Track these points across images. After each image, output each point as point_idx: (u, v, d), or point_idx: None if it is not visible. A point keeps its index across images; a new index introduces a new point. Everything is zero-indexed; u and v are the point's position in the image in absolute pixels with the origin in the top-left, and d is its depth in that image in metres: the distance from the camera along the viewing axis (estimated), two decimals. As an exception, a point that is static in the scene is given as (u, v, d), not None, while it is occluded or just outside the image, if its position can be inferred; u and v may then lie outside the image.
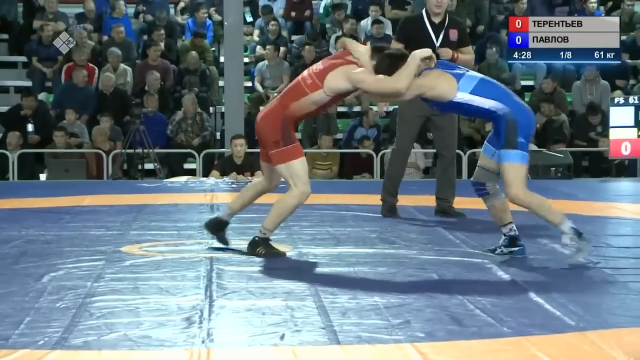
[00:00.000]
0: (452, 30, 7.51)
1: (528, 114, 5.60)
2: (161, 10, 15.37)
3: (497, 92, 5.57)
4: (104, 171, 12.44)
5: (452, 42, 7.48)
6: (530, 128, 5.61)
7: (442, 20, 7.53)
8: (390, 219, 7.47)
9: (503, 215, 5.82)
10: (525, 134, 5.53)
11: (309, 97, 5.69)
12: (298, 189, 5.71)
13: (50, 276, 5.14)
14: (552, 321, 4.23)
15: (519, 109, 5.54)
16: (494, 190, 5.77)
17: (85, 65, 13.97)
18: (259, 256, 5.74)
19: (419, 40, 7.28)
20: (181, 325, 4.14)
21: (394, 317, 4.27)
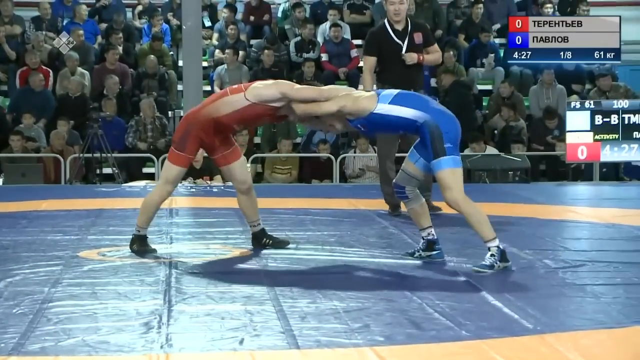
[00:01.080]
0: (416, 33, 7.86)
1: (450, 119, 5.59)
2: (118, 13, 15.29)
3: (415, 101, 5.61)
4: (62, 176, 12.33)
5: (418, 45, 7.85)
6: (456, 132, 5.58)
7: (405, 26, 7.87)
8: (351, 224, 7.48)
9: (422, 220, 5.87)
10: (451, 139, 5.52)
11: (227, 98, 5.85)
12: (164, 187, 6.04)
13: (6, 282, 5.10)
14: (510, 324, 4.26)
15: (440, 115, 5.56)
16: (414, 194, 5.80)
17: (38, 68, 13.85)
18: (133, 252, 5.99)
19: (386, 50, 7.80)
20: (140, 330, 4.12)
21: (353, 321, 4.28)
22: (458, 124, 5.62)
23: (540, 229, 7.35)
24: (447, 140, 5.48)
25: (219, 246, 6.25)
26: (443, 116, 5.56)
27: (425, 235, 5.88)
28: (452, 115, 5.65)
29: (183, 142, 5.92)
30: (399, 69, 7.82)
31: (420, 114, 5.52)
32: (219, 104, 5.84)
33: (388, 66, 7.92)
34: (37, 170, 12.13)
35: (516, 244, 6.39)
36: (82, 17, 15.15)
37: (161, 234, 6.87)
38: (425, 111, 5.53)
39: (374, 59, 7.92)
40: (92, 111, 12.28)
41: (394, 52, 7.79)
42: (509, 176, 12.07)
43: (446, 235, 6.83)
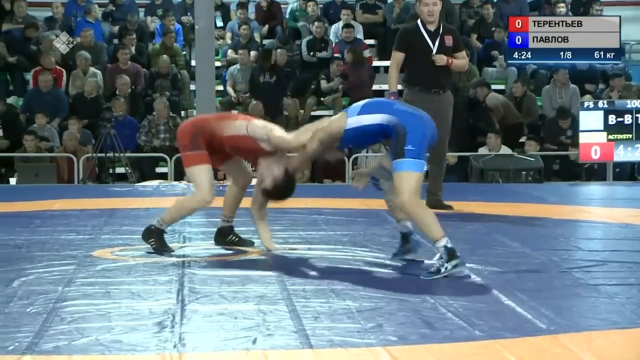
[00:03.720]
0: (447, 36, 7.98)
1: (417, 120, 5.49)
2: (132, 13, 15.32)
3: (381, 106, 5.60)
4: (75, 175, 12.37)
5: (448, 48, 7.96)
6: (423, 134, 5.45)
7: (437, 27, 7.96)
8: (363, 224, 7.47)
9: (396, 213, 5.86)
10: (416, 141, 5.40)
11: (234, 122, 5.95)
12: (199, 195, 5.95)
13: (20, 281, 5.11)
14: (524, 324, 4.25)
15: (406, 116, 5.48)
16: (387, 188, 5.78)
17: (52, 68, 13.90)
18: (150, 245, 6.01)
19: (417, 49, 7.91)
20: (153, 329, 4.12)
21: (366, 320, 4.28)
22: (429, 126, 5.52)
23: (554, 229, 7.33)
24: (410, 141, 5.38)
25: (232, 246, 6.24)
26: (409, 117, 5.48)
27: (401, 228, 5.87)
28: (422, 116, 5.55)
29: (195, 140, 5.93)
30: (427, 69, 7.87)
31: (388, 117, 5.48)
32: (224, 124, 5.95)
33: (417, 66, 7.96)
34: (51, 170, 12.17)
35: (529, 244, 6.38)
36: (94, 17, 15.19)
37: (174, 233, 6.87)
38: (391, 114, 5.49)
39: (402, 55, 8.00)
40: (105, 111, 12.32)
41: (424, 52, 7.85)
42: (521, 176, 12.05)
43: (459, 236, 6.82)
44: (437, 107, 7.84)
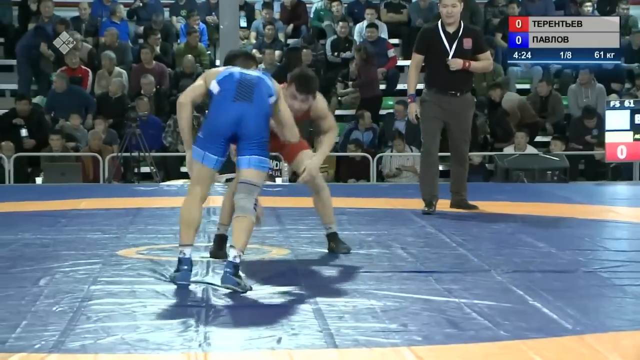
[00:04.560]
0: (466, 39, 7.87)
1: (212, 114, 5.25)
2: (157, 13, 15.37)
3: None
4: (100, 175, 12.42)
5: (467, 51, 7.86)
6: (211, 124, 5.21)
7: (457, 29, 7.88)
8: (387, 223, 7.47)
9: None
10: (205, 131, 5.23)
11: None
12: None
13: (46, 280, 5.14)
14: (549, 324, 4.23)
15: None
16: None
17: (77, 68, 13.97)
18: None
19: (434, 51, 7.86)
20: (178, 328, 4.14)
21: (391, 320, 4.27)
22: (222, 120, 5.16)
23: (579, 229, 7.30)
24: (202, 129, 5.25)
25: (256, 245, 6.25)
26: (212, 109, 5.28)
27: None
28: (220, 110, 5.19)
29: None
30: (444, 71, 7.82)
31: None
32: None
33: (434, 67, 7.94)
34: (76, 169, 12.23)
35: (555, 244, 6.35)
36: (120, 17, 15.26)
37: (199, 232, 6.88)
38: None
39: (420, 57, 7.98)
40: (130, 111, 12.36)
41: (441, 55, 7.81)
42: (547, 176, 12.00)
43: (484, 235, 6.82)
44: (454, 109, 7.84)
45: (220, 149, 5.17)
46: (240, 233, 5.04)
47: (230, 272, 4.90)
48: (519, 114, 13.59)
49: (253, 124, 5.14)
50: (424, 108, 7.99)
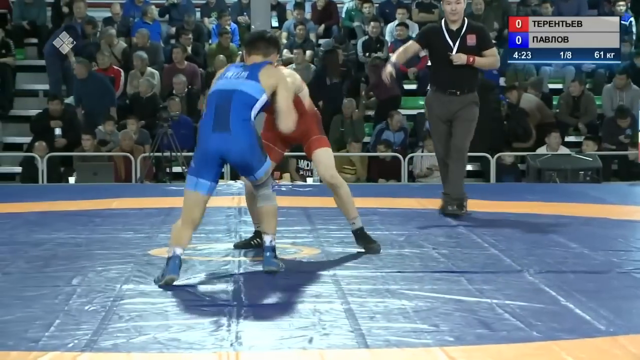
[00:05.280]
0: (469, 35, 7.73)
1: (199, 142, 5.37)
2: (189, 14, 15.43)
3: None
4: (132, 174, 12.49)
5: (471, 47, 7.71)
6: (199, 153, 5.34)
7: (460, 26, 7.75)
8: (419, 223, 7.45)
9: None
10: (195, 159, 5.37)
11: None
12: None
13: (79, 279, 5.17)
14: (582, 325, 4.20)
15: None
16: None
17: (109, 68, 14.05)
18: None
19: (437, 48, 7.77)
20: (210, 328, 4.15)
21: (423, 321, 4.26)
22: (207, 144, 5.28)
23: (613, 230, 7.25)
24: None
25: (287, 245, 6.26)
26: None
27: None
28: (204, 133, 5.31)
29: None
30: (447, 70, 7.70)
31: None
32: None
33: (437, 66, 7.88)
34: (109, 169, 12.30)
35: (587, 244, 6.31)
36: (152, 17, 15.34)
37: (230, 232, 6.92)
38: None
39: (416, 46, 7.87)
40: (162, 111, 12.42)
41: (444, 52, 7.70)
42: (579, 176, 11.93)
43: (516, 235, 6.80)
44: (454, 108, 7.70)
45: (212, 174, 5.30)
46: (268, 219, 5.39)
47: (271, 255, 5.34)
48: (539, 115, 13.50)
49: (238, 156, 5.29)
50: (429, 112, 7.98)
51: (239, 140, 5.23)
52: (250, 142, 5.27)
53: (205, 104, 5.51)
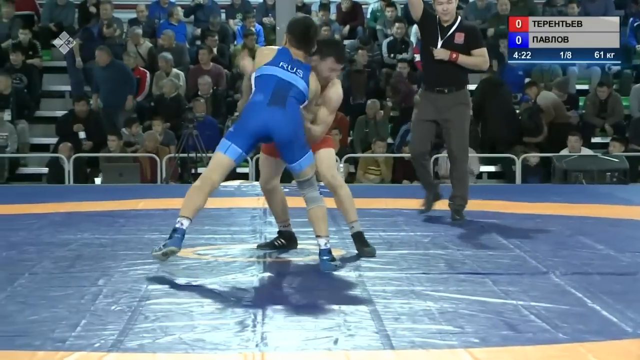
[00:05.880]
0: (458, 33, 7.65)
1: (247, 113, 5.51)
2: (214, 15, 15.47)
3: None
4: (158, 175, 12.53)
5: (458, 45, 7.61)
6: (245, 121, 5.49)
7: (451, 23, 7.67)
8: (444, 224, 7.43)
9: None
10: (237, 126, 5.53)
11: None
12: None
13: (105, 279, 5.19)
14: (609, 327, 4.18)
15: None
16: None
17: (136, 69, 14.12)
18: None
19: (427, 36, 7.76)
20: (235, 329, 4.16)
21: (448, 322, 4.25)
22: (253, 118, 5.46)
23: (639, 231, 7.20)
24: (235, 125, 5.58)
25: (312, 246, 6.26)
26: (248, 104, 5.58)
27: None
28: (252, 105, 5.51)
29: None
30: (433, 66, 7.65)
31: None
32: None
33: (424, 61, 7.85)
34: (134, 170, 12.35)
35: (614, 246, 6.28)
36: (177, 19, 15.40)
37: (255, 233, 6.93)
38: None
39: (417, 16, 7.74)
40: (187, 112, 12.45)
41: (432, 40, 7.62)
42: (606, 177, 11.87)
43: (542, 237, 6.77)
44: (444, 107, 7.61)
45: (246, 145, 5.49)
46: (319, 222, 5.49)
47: (328, 259, 5.45)
48: (554, 112, 13.44)
49: (288, 131, 5.42)
50: (417, 109, 7.94)
51: (291, 120, 5.41)
52: (299, 126, 5.46)
53: (253, 83, 5.53)
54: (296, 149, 5.43)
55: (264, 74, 5.50)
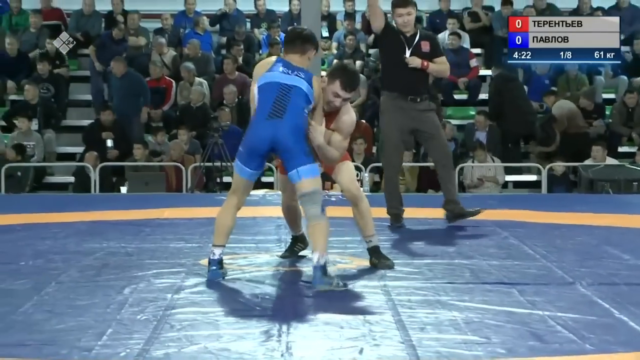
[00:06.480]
0: (423, 42, 7.79)
1: (249, 130, 5.53)
2: (240, 24, 15.52)
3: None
4: (183, 184, 12.57)
5: (425, 54, 7.75)
6: (247, 140, 5.50)
7: (414, 33, 7.79)
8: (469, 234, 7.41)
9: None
10: (244, 146, 5.53)
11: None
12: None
13: (131, 288, 5.21)
14: (636, 338, 4.16)
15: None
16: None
17: (162, 79, 14.18)
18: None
19: (392, 48, 7.77)
20: (260, 338, 4.16)
21: (474, 332, 4.24)
22: (255, 136, 5.47)
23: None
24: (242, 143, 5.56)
25: (337, 256, 6.26)
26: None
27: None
28: (254, 125, 5.52)
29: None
30: (402, 74, 7.67)
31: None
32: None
33: (392, 69, 7.81)
34: (160, 179, 12.39)
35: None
36: (203, 28, 15.46)
37: (280, 242, 6.93)
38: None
39: (379, 27, 7.82)
40: (212, 120, 12.49)
41: (398, 54, 7.67)
42: (633, 187, 11.80)
43: (568, 247, 6.73)
44: (415, 115, 7.69)
45: (254, 163, 5.53)
46: (316, 238, 5.31)
47: (318, 276, 5.18)
48: (566, 123, 13.36)
49: (288, 138, 5.38)
50: (385, 119, 7.84)
51: (291, 127, 5.37)
52: (298, 128, 5.39)
53: (256, 94, 5.55)
54: (296, 156, 5.34)
55: (265, 83, 5.52)
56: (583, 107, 13.80)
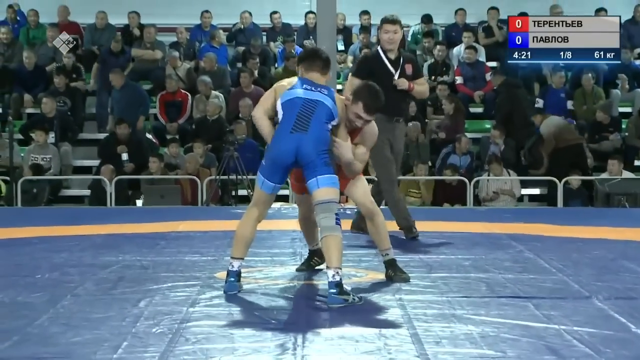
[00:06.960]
0: (407, 65, 7.95)
1: (273, 144, 5.51)
2: (255, 38, 15.56)
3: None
4: (199, 197, 12.58)
5: (409, 76, 7.92)
6: (271, 154, 5.49)
7: (398, 56, 7.93)
8: (484, 247, 7.39)
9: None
10: (267, 159, 5.53)
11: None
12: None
13: (146, 301, 5.21)
14: (653, 353, 4.13)
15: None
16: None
17: (177, 92, 14.23)
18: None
19: (379, 75, 7.68)
20: (275, 352, 4.15)
21: (489, 346, 4.22)
22: (279, 149, 5.46)
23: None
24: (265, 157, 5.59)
25: (351, 269, 6.25)
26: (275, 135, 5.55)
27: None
28: (278, 139, 5.49)
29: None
30: (389, 96, 7.65)
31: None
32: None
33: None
34: (175, 192, 12.41)
35: (658, 270, 6.21)
36: (219, 41, 15.50)
37: (295, 255, 6.93)
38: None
39: (358, 82, 7.73)
40: (228, 134, 12.52)
41: (387, 78, 7.72)
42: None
43: (584, 261, 6.71)
44: (397, 135, 7.87)
45: (278, 177, 5.55)
46: (331, 252, 5.28)
47: (334, 293, 5.15)
48: (554, 143, 13.09)
49: (310, 150, 5.42)
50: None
51: (312, 137, 5.41)
52: (321, 141, 5.44)
53: (280, 110, 5.55)
54: (318, 166, 5.39)
55: (288, 99, 5.54)
56: (600, 121, 13.74)
